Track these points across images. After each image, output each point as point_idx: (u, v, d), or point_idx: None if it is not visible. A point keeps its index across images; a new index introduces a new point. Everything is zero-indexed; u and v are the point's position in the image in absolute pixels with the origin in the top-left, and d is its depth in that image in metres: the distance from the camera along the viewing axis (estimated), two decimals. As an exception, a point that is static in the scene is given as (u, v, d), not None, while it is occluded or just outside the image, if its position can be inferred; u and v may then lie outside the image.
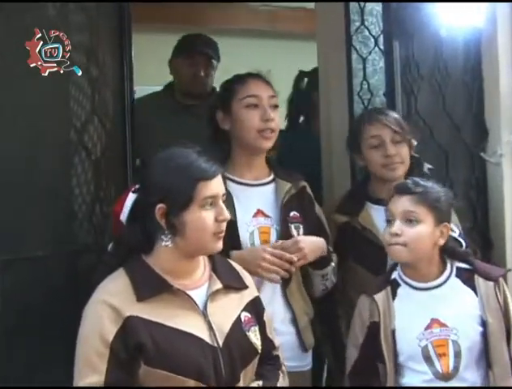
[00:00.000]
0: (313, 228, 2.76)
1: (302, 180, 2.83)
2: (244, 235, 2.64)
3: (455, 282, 2.55)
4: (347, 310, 2.80)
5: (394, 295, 2.54)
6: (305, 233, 2.72)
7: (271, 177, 2.78)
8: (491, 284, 2.53)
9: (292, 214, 2.72)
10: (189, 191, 2.11)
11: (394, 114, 2.96)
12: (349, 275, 2.88)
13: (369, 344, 2.51)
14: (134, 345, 2.05)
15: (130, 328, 2.05)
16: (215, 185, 2.15)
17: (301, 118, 3.98)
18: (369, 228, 2.87)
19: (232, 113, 2.70)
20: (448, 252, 2.57)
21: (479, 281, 2.53)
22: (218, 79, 3.49)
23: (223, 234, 2.18)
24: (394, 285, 2.56)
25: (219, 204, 2.16)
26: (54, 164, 2.68)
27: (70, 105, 2.74)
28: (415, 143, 2.95)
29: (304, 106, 3.92)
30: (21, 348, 2.51)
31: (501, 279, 2.55)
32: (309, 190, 2.85)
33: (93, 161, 2.77)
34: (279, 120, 2.74)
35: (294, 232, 2.70)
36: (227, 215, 2.17)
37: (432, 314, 2.49)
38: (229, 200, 2.52)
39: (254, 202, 2.70)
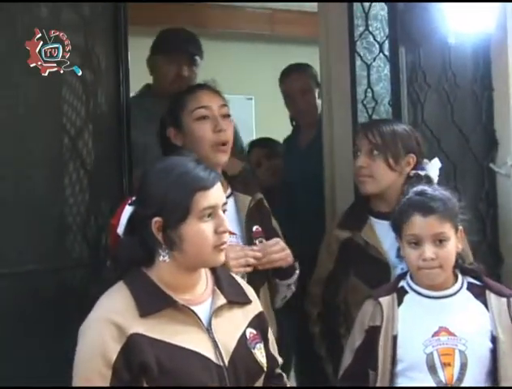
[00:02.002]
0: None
1: (258, 192, 2.75)
2: None
3: (466, 294, 2.50)
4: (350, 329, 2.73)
5: (400, 302, 2.49)
6: None
7: (229, 191, 2.66)
8: (503, 300, 2.49)
9: (254, 228, 2.65)
10: (186, 202, 2.01)
11: (389, 127, 2.81)
12: (352, 293, 2.80)
13: (365, 349, 2.46)
14: (138, 365, 1.96)
15: (133, 346, 1.96)
16: (214, 195, 2.05)
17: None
18: (372, 243, 2.78)
19: (183, 127, 2.63)
20: (459, 267, 2.52)
21: (490, 297, 2.49)
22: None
23: (224, 246, 2.08)
24: (402, 293, 2.51)
25: (219, 215, 2.06)
26: (46, 173, 2.60)
27: (64, 111, 2.66)
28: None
29: None
30: (9, 364, 2.43)
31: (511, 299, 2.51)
32: (265, 202, 2.77)
33: (88, 171, 2.68)
34: (232, 130, 2.66)
35: None
36: (226, 226, 2.07)
37: (441, 321, 2.44)
38: None
39: None
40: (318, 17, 3.57)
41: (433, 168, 2.81)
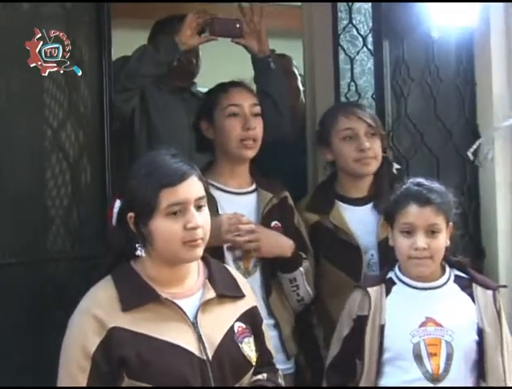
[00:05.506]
0: (292, 239, 2.75)
1: (284, 190, 2.83)
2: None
3: (453, 287, 2.53)
4: (322, 315, 2.84)
5: (388, 292, 2.51)
6: None
7: (254, 186, 2.80)
8: (489, 293, 2.52)
9: (273, 224, 2.75)
10: (152, 199, 2.02)
11: (367, 109, 2.97)
12: (322, 276, 2.84)
13: (353, 339, 2.48)
14: (118, 358, 1.97)
15: (113, 340, 1.98)
16: (183, 191, 2.04)
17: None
18: (341, 227, 2.82)
19: (215, 122, 2.76)
20: (446, 260, 2.55)
21: (477, 290, 2.52)
22: (201, 80, 3.41)
23: (197, 242, 2.05)
24: (389, 284, 2.53)
25: (190, 210, 2.04)
26: (29, 166, 2.60)
27: (47, 104, 2.65)
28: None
29: None
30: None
31: (496, 291, 2.53)
32: (290, 200, 2.85)
33: (70, 163, 2.67)
34: (261, 128, 2.75)
35: None
36: (196, 222, 2.04)
37: (428, 312, 2.47)
38: (213, 207, 2.54)
39: (237, 210, 2.68)
40: (302, 10, 3.56)
41: None
